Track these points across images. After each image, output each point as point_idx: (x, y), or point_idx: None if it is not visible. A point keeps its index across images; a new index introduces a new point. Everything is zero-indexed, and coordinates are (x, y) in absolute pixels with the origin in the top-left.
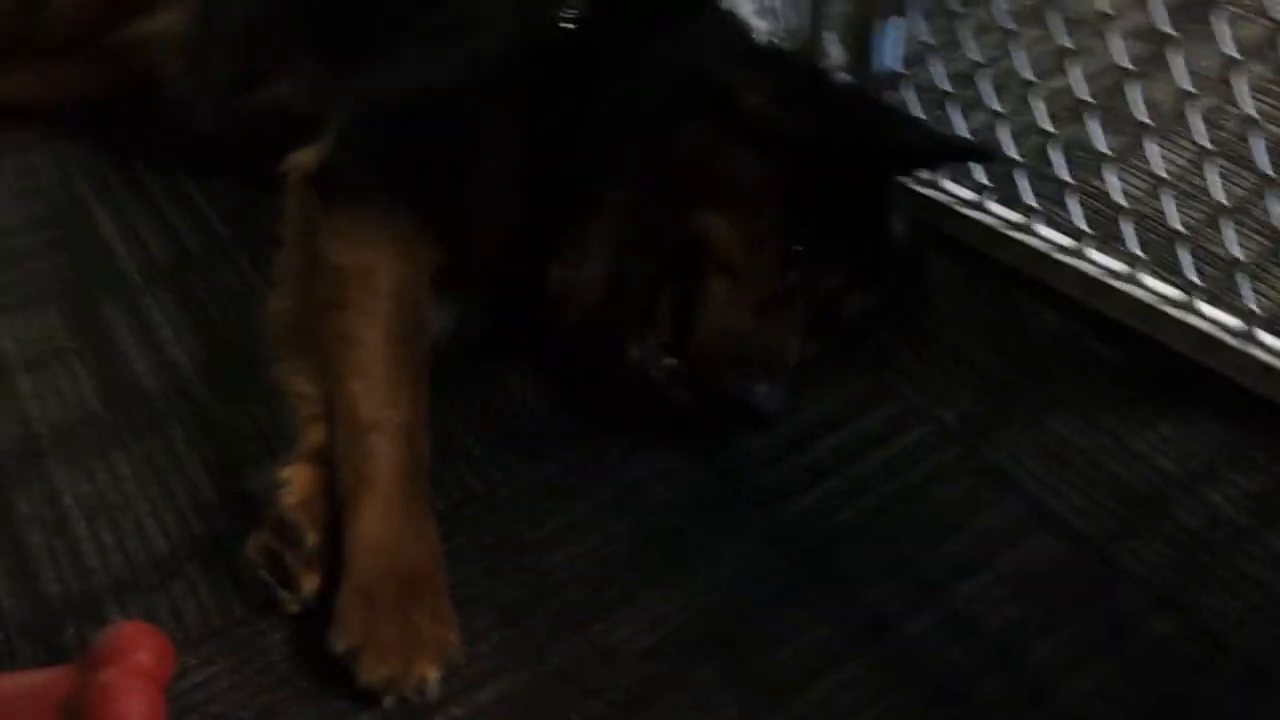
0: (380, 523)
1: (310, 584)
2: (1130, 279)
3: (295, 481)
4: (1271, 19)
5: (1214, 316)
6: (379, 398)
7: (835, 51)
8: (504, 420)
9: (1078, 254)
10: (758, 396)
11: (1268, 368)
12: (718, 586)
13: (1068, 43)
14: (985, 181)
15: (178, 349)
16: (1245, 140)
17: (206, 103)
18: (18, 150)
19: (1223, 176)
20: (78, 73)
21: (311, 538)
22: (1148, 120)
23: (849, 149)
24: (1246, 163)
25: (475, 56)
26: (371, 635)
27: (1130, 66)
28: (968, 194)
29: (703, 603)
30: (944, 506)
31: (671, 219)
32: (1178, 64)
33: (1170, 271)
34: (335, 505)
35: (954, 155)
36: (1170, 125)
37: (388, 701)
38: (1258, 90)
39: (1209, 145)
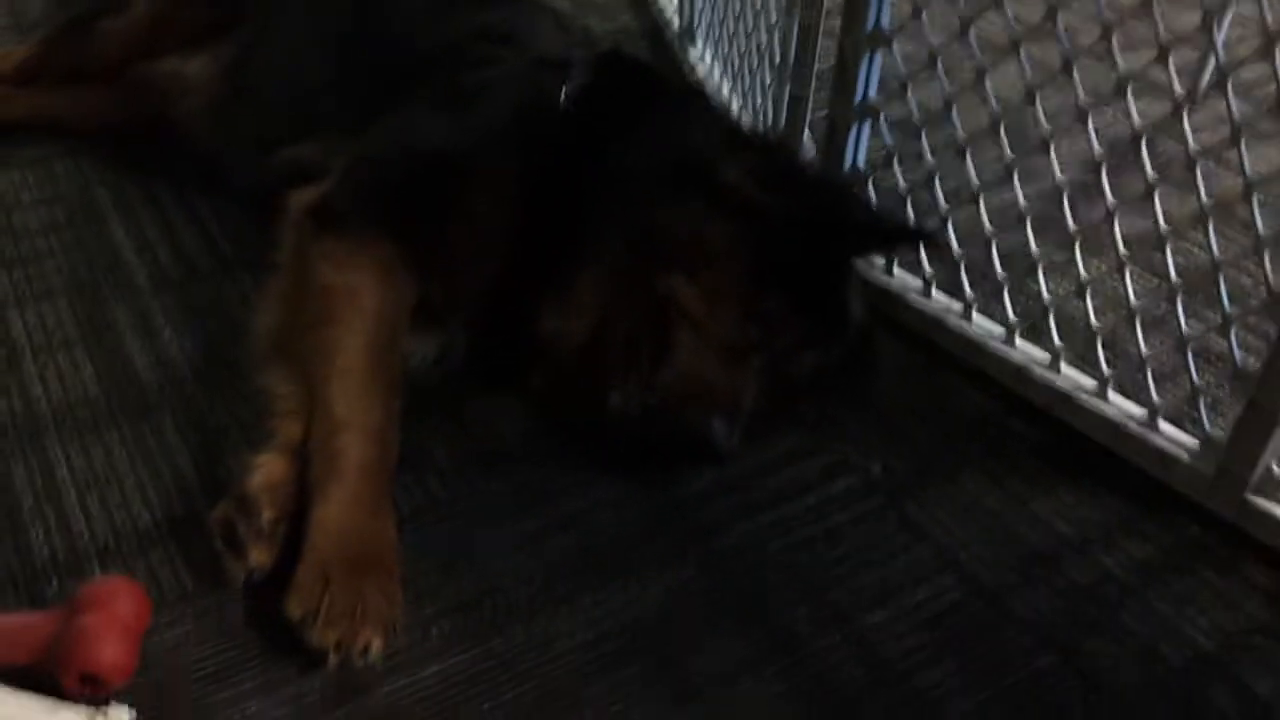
0: (343, 509)
1: (256, 556)
2: (1051, 368)
3: (266, 467)
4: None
5: (1122, 406)
6: (354, 401)
7: (810, 149)
8: (473, 439)
9: (1007, 342)
10: (714, 431)
11: (1164, 454)
12: (650, 599)
13: (1012, 160)
14: (931, 273)
15: (176, 349)
16: (1159, 253)
17: (231, 157)
18: (43, 160)
19: (1137, 285)
20: (110, 99)
21: (267, 514)
22: (1076, 231)
23: (813, 224)
24: (1162, 273)
25: (477, 121)
26: (324, 603)
27: (1065, 183)
28: (916, 282)
29: (636, 611)
30: (861, 547)
31: (648, 279)
32: (1105, 185)
33: (1087, 364)
34: (303, 496)
35: (906, 238)
36: (1095, 238)
37: (332, 661)
38: (1170, 214)
39: (1126, 256)
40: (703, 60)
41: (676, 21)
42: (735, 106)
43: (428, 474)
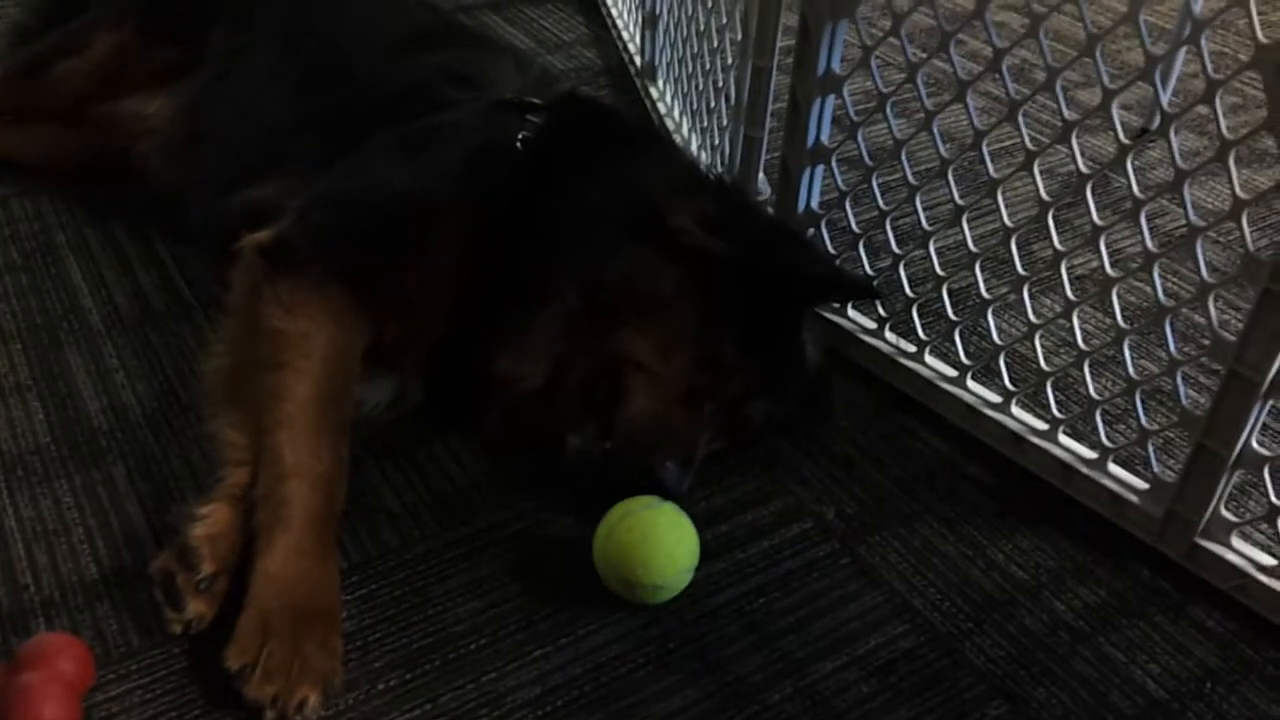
0: (287, 558)
1: (195, 609)
2: (1003, 409)
3: (210, 518)
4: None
5: (1073, 448)
6: (301, 448)
7: (766, 189)
8: (426, 485)
9: (959, 384)
10: (668, 476)
11: (1115, 495)
12: (602, 649)
13: (961, 201)
14: (885, 314)
15: (129, 394)
16: (1106, 296)
17: (189, 197)
18: (0, 200)
19: (1086, 325)
20: (66, 138)
21: (206, 567)
22: (1025, 273)
23: (764, 272)
24: (1109, 315)
25: (433, 164)
26: (262, 656)
27: (1013, 226)
28: (870, 324)
29: (587, 663)
30: (815, 594)
31: (600, 326)
32: (1053, 227)
33: (1038, 405)
34: (247, 545)
35: (854, 291)
36: (1045, 279)
37: (268, 716)
38: (1117, 255)
39: (1074, 298)
40: (664, 99)
41: (639, 60)
42: (695, 145)
43: (380, 520)
